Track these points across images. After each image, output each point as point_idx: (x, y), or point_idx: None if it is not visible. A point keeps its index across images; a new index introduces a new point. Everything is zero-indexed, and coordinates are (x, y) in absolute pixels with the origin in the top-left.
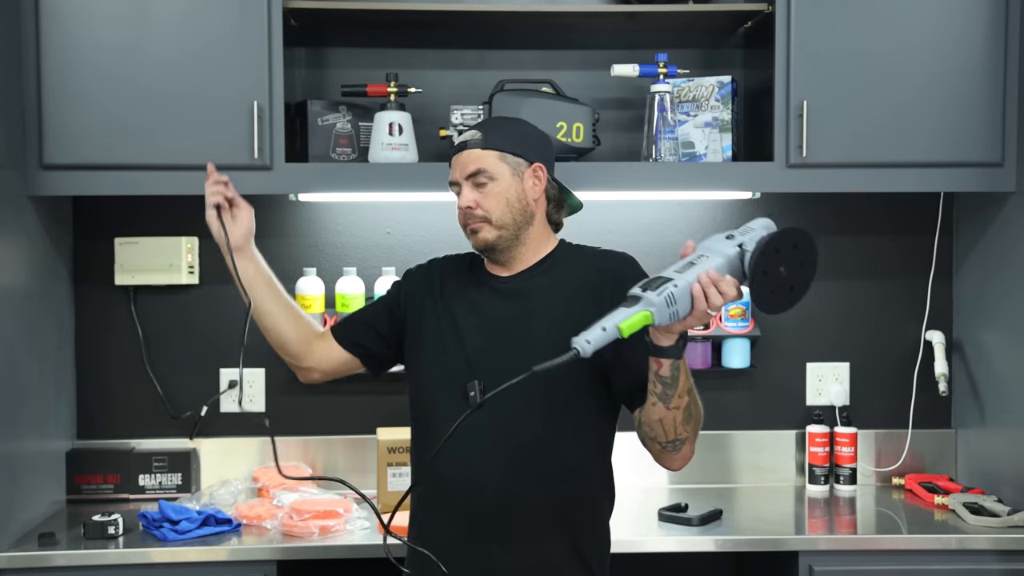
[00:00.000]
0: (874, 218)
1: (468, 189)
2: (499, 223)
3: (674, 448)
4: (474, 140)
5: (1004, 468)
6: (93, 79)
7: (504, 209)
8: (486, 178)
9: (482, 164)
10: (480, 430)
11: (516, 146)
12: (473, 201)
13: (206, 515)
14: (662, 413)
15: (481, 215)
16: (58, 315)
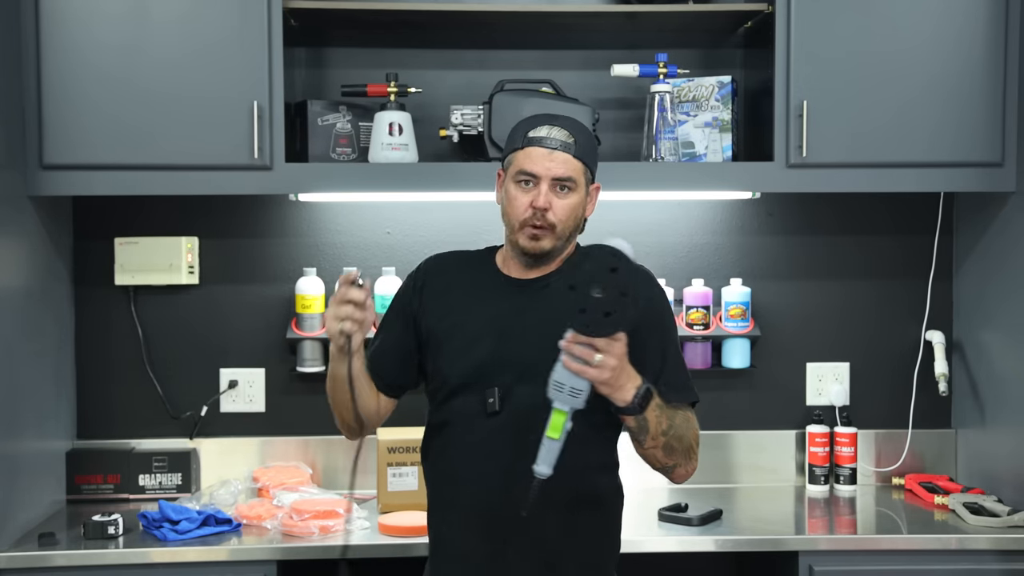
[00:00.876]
0: (874, 218)
1: (549, 190)
2: (561, 234)
3: (665, 472)
4: (568, 144)
5: (1004, 468)
6: (93, 79)
7: (572, 223)
8: (571, 188)
9: (574, 173)
10: (497, 437)
11: (593, 162)
12: (550, 204)
13: (206, 515)
14: (640, 450)
15: (552, 221)
16: (58, 315)
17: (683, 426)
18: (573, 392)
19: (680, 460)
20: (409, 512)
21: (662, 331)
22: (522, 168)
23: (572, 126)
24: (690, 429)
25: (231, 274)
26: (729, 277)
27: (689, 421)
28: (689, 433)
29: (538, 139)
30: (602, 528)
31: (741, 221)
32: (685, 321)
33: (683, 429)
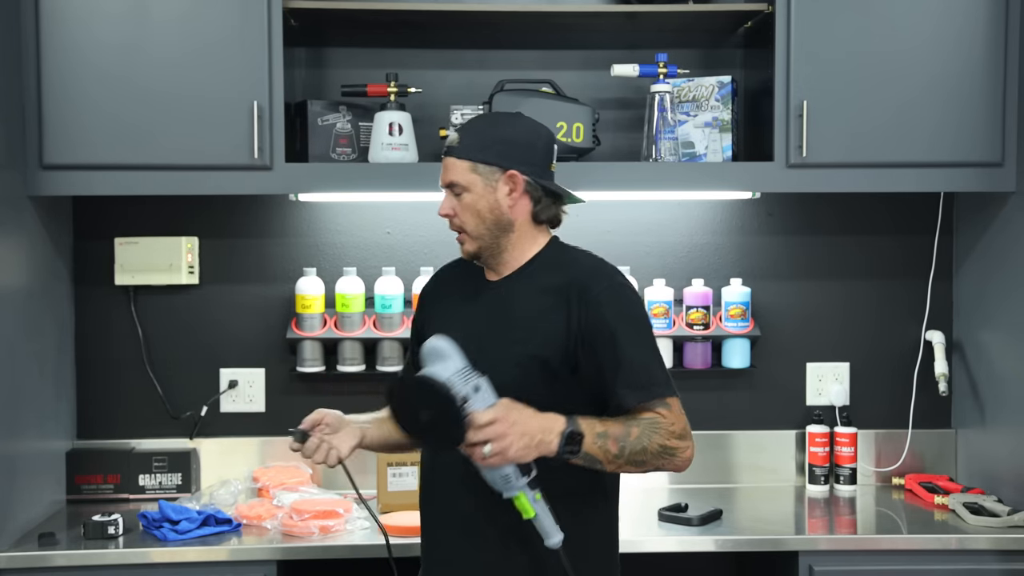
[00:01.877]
0: (874, 218)
1: (447, 197)
2: (475, 235)
3: (658, 471)
4: (451, 146)
5: (1004, 468)
6: (93, 79)
7: (477, 221)
8: (460, 190)
9: (454, 176)
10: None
11: (490, 153)
12: (450, 209)
13: (206, 515)
14: (607, 472)
15: (458, 225)
16: (58, 315)
17: (643, 436)
18: (505, 479)
19: (659, 464)
20: (409, 512)
21: (609, 335)
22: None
23: (469, 125)
24: (656, 433)
25: (231, 274)
26: (729, 277)
27: (655, 424)
28: (654, 440)
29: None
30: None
31: (741, 221)
32: (685, 321)
33: (643, 440)
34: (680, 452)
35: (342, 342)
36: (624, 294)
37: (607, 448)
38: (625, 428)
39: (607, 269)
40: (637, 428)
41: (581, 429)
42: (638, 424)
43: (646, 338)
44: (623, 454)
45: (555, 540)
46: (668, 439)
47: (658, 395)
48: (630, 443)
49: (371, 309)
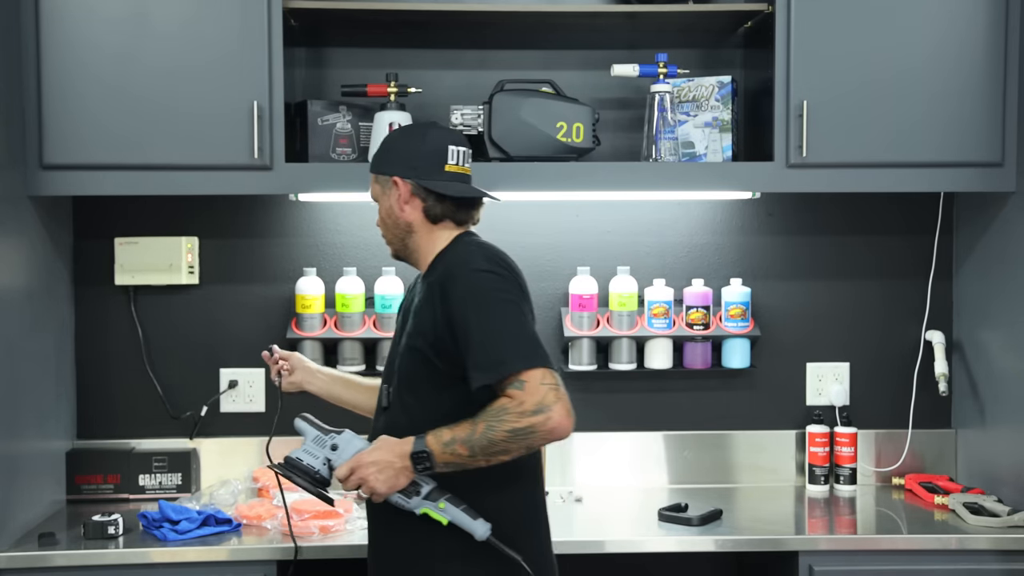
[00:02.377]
0: (874, 218)
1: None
2: (387, 239)
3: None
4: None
5: (1004, 468)
6: (93, 79)
7: (384, 228)
8: (376, 200)
9: (372, 189)
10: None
11: (380, 165)
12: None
13: (206, 515)
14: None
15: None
16: (58, 315)
17: (488, 431)
18: (401, 505)
19: (523, 444)
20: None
21: (461, 322)
22: None
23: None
24: (503, 421)
25: (231, 274)
26: (729, 277)
27: (500, 413)
28: (502, 428)
29: None
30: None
31: (741, 221)
32: (685, 321)
33: (488, 435)
34: (539, 427)
35: (342, 342)
36: (476, 280)
37: (458, 452)
38: (471, 427)
39: (470, 259)
40: (482, 423)
41: (427, 446)
42: (484, 418)
43: (497, 318)
44: (476, 453)
45: (480, 534)
46: (518, 421)
47: (508, 372)
48: (476, 441)
49: (371, 309)
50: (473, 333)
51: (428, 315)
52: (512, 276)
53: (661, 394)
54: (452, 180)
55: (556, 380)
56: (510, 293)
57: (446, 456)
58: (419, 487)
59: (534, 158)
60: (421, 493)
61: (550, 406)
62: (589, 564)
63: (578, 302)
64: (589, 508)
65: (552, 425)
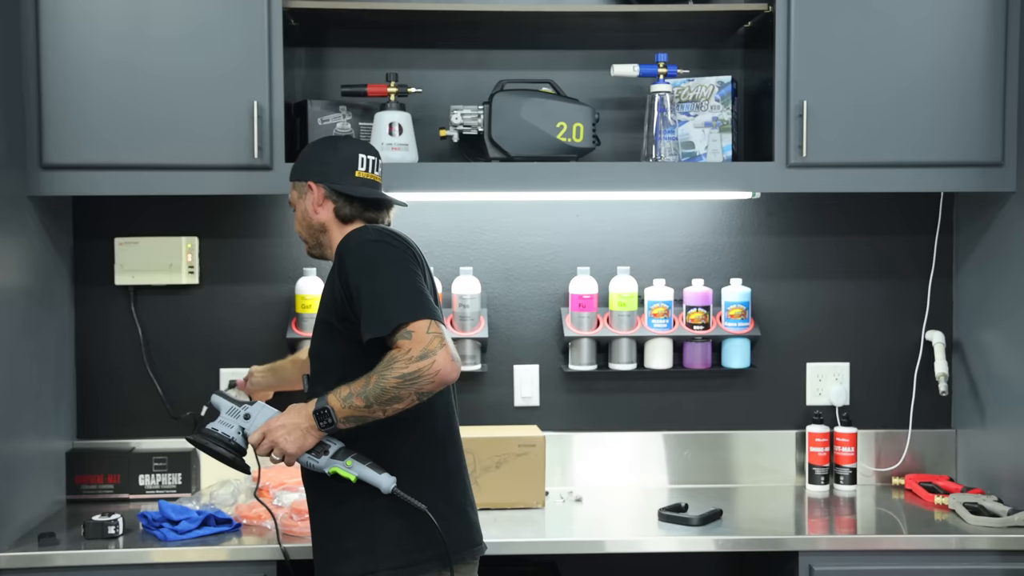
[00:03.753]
0: (874, 218)
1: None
2: (304, 239)
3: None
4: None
5: (1004, 468)
6: (93, 79)
7: (300, 228)
8: (293, 207)
9: (290, 196)
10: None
11: (296, 172)
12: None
13: (206, 515)
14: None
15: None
16: (58, 315)
17: (380, 380)
18: (312, 464)
19: (413, 390)
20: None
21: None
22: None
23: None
24: (389, 371)
25: (231, 274)
26: (729, 277)
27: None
28: (389, 377)
29: None
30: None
31: (741, 221)
32: (685, 321)
33: (380, 384)
34: (425, 370)
35: None
36: (368, 250)
37: (355, 405)
38: (365, 380)
39: (363, 234)
40: (375, 375)
41: (327, 403)
42: (376, 370)
43: (385, 279)
44: (371, 403)
45: (385, 487)
46: (405, 367)
47: (395, 324)
48: (370, 391)
49: None
50: (364, 294)
51: (329, 289)
52: (403, 244)
53: (661, 394)
54: (361, 185)
55: (440, 330)
56: (399, 256)
57: (346, 411)
58: (327, 447)
59: (534, 158)
60: (329, 452)
61: (435, 351)
62: (589, 564)
63: (578, 302)
64: (589, 508)
65: (438, 367)
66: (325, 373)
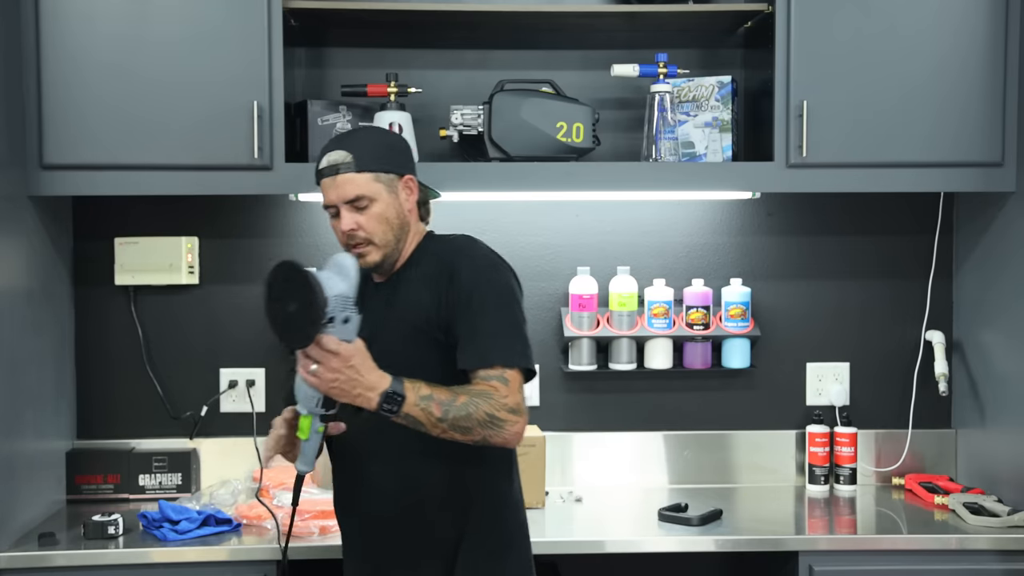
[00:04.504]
0: (874, 218)
1: (348, 213)
2: (382, 243)
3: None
4: (346, 164)
5: (1004, 468)
6: (93, 79)
7: (386, 229)
8: (367, 202)
9: (360, 190)
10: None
11: (386, 163)
12: (355, 224)
13: (206, 515)
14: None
15: (364, 237)
16: (58, 315)
17: (470, 404)
18: (308, 399)
19: (486, 433)
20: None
21: (466, 306)
22: (325, 203)
23: (351, 141)
24: (486, 402)
25: (231, 274)
26: (729, 277)
27: (486, 394)
28: (481, 408)
29: (322, 171)
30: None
31: (741, 221)
32: (685, 321)
33: (469, 407)
34: (508, 425)
35: None
36: (496, 273)
37: (430, 411)
38: (452, 394)
39: (472, 250)
40: (465, 396)
41: (403, 391)
42: (467, 392)
43: (504, 311)
44: (447, 418)
45: (301, 469)
46: (498, 410)
47: (494, 362)
48: (454, 408)
49: None
50: (476, 318)
51: (434, 299)
52: (515, 276)
53: (661, 394)
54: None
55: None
56: (515, 291)
57: (416, 410)
58: (333, 406)
59: (534, 158)
60: (328, 411)
61: (522, 413)
62: (589, 564)
63: (578, 302)
64: (589, 508)
65: (517, 430)
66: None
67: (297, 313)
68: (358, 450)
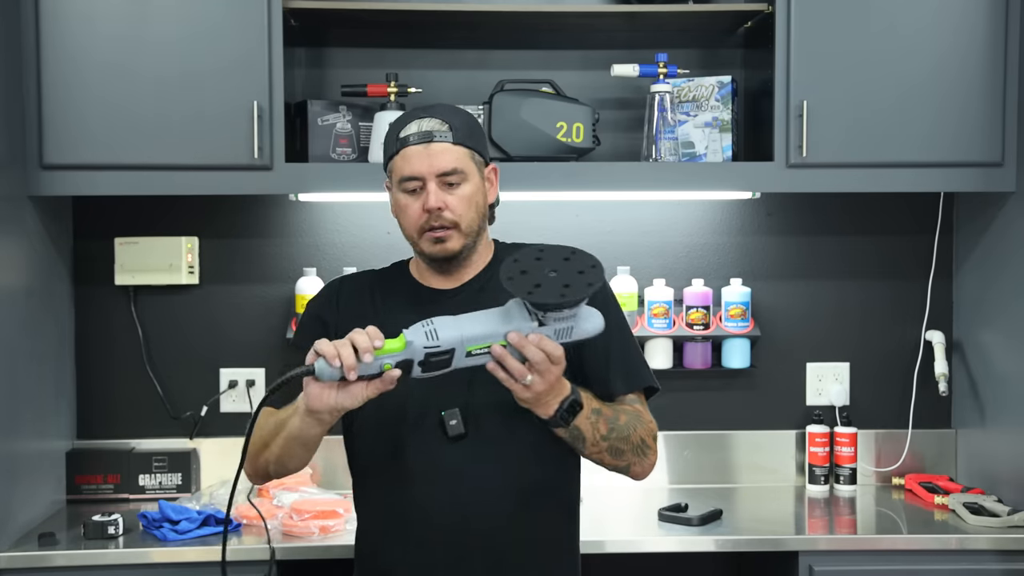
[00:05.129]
0: (874, 218)
1: (437, 188)
2: (467, 230)
3: (619, 471)
4: (442, 132)
5: (1004, 468)
6: (93, 79)
7: (474, 215)
8: (460, 179)
9: (458, 163)
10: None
11: (479, 143)
12: (443, 202)
13: (206, 515)
14: (584, 455)
15: (451, 219)
16: (58, 315)
17: (629, 425)
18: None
19: (632, 459)
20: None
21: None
22: (403, 174)
23: (445, 112)
24: (640, 425)
25: (231, 274)
26: (729, 277)
27: (639, 417)
28: (638, 431)
29: (410, 137)
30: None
31: (741, 221)
32: (685, 321)
33: (629, 428)
34: (651, 455)
35: None
36: (605, 288)
37: (597, 427)
38: (613, 411)
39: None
40: (625, 416)
41: (582, 400)
42: (625, 412)
43: (628, 329)
44: (609, 437)
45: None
46: (646, 436)
47: (642, 385)
48: (619, 427)
49: None
50: (612, 342)
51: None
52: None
53: (661, 394)
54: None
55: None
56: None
57: (586, 423)
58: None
59: (534, 158)
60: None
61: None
62: (589, 564)
63: None
64: (589, 508)
65: (654, 460)
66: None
67: (555, 286)
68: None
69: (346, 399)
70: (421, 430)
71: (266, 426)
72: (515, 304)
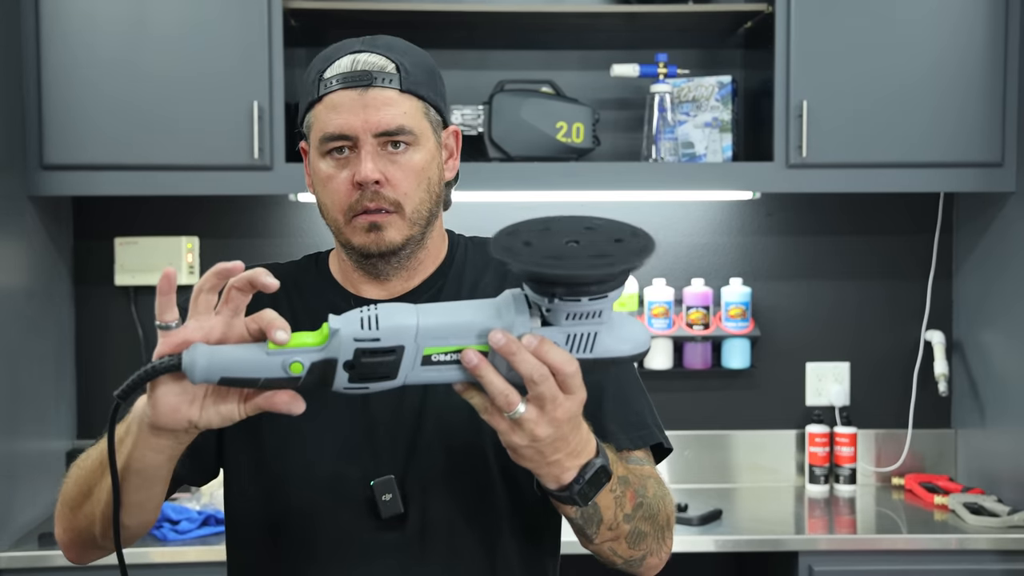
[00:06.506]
0: (874, 218)
1: (375, 152)
2: (414, 216)
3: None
4: (387, 74)
5: (1004, 468)
6: (93, 79)
7: (424, 195)
8: (408, 140)
9: (407, 119)
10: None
11: (438, 94)
12: (382, 174)
13: (206, 515)
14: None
15: (393, 199)
16: (58, 315)
17: (657, 497)
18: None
19: (652, 547)
20: None
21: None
22: (326, 130)
23: (393, 46)
24: (667, 498)
25: None
26: (729, 277)
27: (662, 485)
28: (664, 509)
29: (337, 77)
30: None
31: (741, 221)
32: (685, 321)
33: (657, 503)
34: (669, 541)
35: None
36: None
37: (623, 502)
38: (640, 481)
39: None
40: (654, 485)
41: (608, 468)
42: (649, 478)
43: (633, 371)
44: (634, 517)
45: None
46: (673, 515)
47: (647, 441)
48: (648, 502)
49: None
50: (611, 378)
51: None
52: None
53: (661, 394)
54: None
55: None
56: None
57: (608, 498)
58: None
59: (534, 158)
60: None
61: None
62: (589, 564)
63: None
64: None
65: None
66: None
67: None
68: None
69: (212, 415)
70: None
71: (84, 465)
72: (513, 296)
